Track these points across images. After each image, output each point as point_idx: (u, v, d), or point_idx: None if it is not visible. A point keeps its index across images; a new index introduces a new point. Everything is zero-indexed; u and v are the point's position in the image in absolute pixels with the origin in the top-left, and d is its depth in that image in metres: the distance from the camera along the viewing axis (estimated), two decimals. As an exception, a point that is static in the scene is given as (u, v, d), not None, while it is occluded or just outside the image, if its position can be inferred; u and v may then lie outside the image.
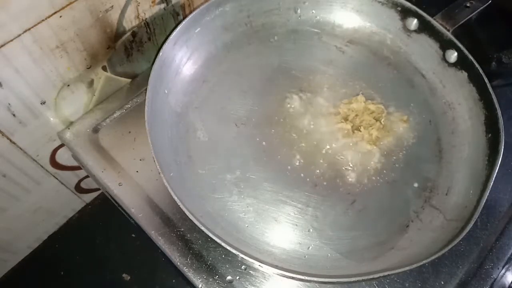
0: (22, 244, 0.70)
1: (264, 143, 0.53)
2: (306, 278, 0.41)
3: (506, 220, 0.52)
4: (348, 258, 0.47)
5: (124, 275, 0.73)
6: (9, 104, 0.48)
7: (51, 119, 0.55)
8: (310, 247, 0.47)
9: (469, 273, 0.48)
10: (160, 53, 0.51)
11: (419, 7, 0.58)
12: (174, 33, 0.53)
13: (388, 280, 0.47)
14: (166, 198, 0.50)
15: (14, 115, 0.50)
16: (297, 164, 0.52)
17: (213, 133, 0.54)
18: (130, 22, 0.55)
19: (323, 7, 0.63)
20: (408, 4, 0.58)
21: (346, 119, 0.55)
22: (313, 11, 0.64)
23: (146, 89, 0.49)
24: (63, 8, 0.45)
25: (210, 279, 0.46)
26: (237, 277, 0.46)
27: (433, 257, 0.41)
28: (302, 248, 0.47)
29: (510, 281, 0.50)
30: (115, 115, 0.58)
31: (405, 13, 0.59)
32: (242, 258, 0.40)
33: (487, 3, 0.59)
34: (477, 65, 0.53)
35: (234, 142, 0.53)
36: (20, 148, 0.54)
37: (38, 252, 0.72)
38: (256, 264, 0.41)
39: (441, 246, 0.42)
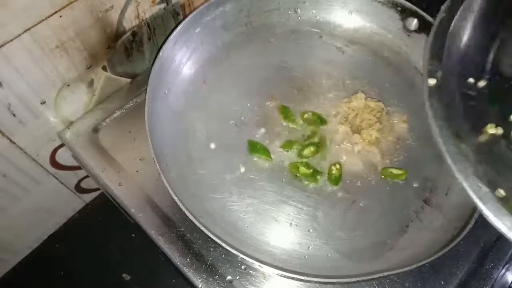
0: (22, 244, 0.70)
1: (264, 143, 0.53)
2: (306, 278, 0.41)
3: (506, 220, 0.52)
4: (348, 258, 0.47)
5: (124, 275, 0.73)
6: (9, 104, 0.48)
7: (51, 119, 0.55)
8: (310, 247, 0.47)
9: (469, 273, 0.48)
10: (160, 53, 0.51)
11: (419, 7, 0.58)
12: (174, 33, 0.53)
13: (388, 280, 0.47)
14: (166, 198, 0.50)
15: (14, 115, 0.50)
16: (295, 162, 0.52)
17: (213, 133, 0.54)
18: (130, 22, 0.55)
19: (323, 7, 0.63)
20: (408, 4, 0.58)
21: (346, 119, 0.56)
22: (313, 11, 0.64)
23: (146, 89, 0.49)
24: (63, 8, 0.45)
25: (210, 279, 0.46)
26: (237, 277, 0.46)
27: (433, 257, 0.41)
28: (302, 248, 0.47)
29: (510, 281, 0.50)
30: (115, 115, 0.58)
31: (405, 13, 0.59)
32: (242, 258, 0.41)
33: (487, 3, 0.59)
34: (477, 65, 0.53)
35: (234, 142, 0.53)
36: (20, 148, 0.54)
37: (38, 252, 0.72)
38: (256, 264, 0.41)
39: (441, 246, 0.42)
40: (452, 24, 0.39)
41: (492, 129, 0.36)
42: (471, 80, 0.38)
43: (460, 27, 0.39)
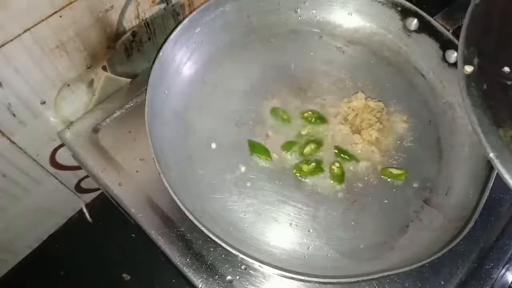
0: (22, 244, 0.70)
1: (264, 143, 0.53)
2: (306, 278, 0.41)
3: (506, 220, 0.52)
4: (348, 258, 0.47)
5: (124, 275, 0.73)
6: (9, 104, 0.48)
7: (51, 119, 0.55)
8: (310, 247, 0.47)
9: (469, 273, 0.48)
10: (160, 53, 0.51)
11: (419, 7, 0.58)
12: (174, 33, 0.53)
13: (388, 280, 0.47)
14: (166, 198, 0.50)
15: (14, 115, 0.50)
16: (297, 164, 0.52)
17: (213, 133, 0.54)
18: (130, 22, 0.55)
19: (323, 7, 0.63)
20: (408, 4, 0.58)
21: (346, 119, 0.56)
22: (313, 11, 0.64)
23: (146, 89, 0.49)
24: (63, 8, 0.45)
25: (210, 279, 0.46)
26: (237, 277, 0.46)
27: (433, 257, 0.41)
28: (302, 248, 0.47)
29: (510, 281, 0.50)
30: (115, 115, 0.58)
31: (405, 13, 0.59)
32: (242, 258, 0.41)
33: (487, 3, 0.59)
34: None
35: (234, 142, 0.53)
36: (20, 148, 0.54)
37: (38, 252, 0.72)
38: (256, 264, 0.41)
39: (441, 246, 0.42)
40: (486, 11, 0.37)
41: None
42: (506, 69, 0.37)
43: (494, 13, 0.38)
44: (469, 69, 0.36)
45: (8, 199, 0.59)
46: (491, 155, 0.32)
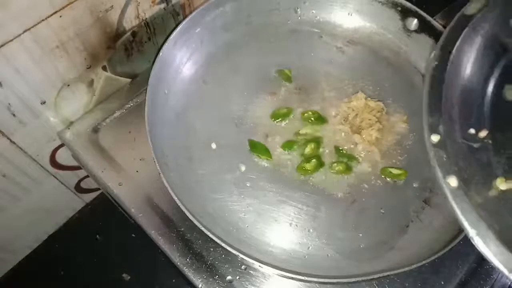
0: (22, 244, 0.70)
1: (264, 143, 0.53)
2: (306, 278, 0.41)
3: (506, 220, 0.52)
4: (348, 258, 0.47)
5: (124, 275, 0.73)
6: (9, 104, 0.48)
7: (51, 119, 0.55)
8: (310, 247, 0.47)
9: (469, 273, 0.48)
10: (160, 53, 0.51)
11: (419, 7, 0.58)
12: (174, 33, 0.53)
13: (388, 280, 0.47)
14: (166, 198, 0.50)
15: (14, 115, 0.50)
16: (297, 164, 0.52)
17: (213, 133, 0.54)
18: (130, 22, 0.55)
19: (323, 7, 0.63)
20: (408, 4, 0.58)
21: (346, 119, 0.56)
22: (313, 11, 0.64)
23: (146, 89, 0.49)
24: (63, 8, 0.45)
25: (210, 279, 0.46)
26: (237, 277, 0.46)
27: (433, 257, 0.41)
28: (302, 248, 0.47)
29: (510, 281, 0.50)
30: (115, 115, 0.58)
31: (405, 13, 0.59)
32: (242, 258, 0.41)
33: (487, 3, 0.59)
34: (477, 65, 0.53)
35: (234, 142, 0.53)
36: (20, 148, 0.54)
37: (38, 252, 0.72)
38: (256, 264, 0.41)
39: (441, 246, 0.42)
40: (446, 74, 0.38)
41: (502, 184, 0.34)
42: (472, 131, 0.37)
43: (454, 75, 0.38)
44: (436, 138, 0.35)
45: (8, 199, 0.59)
46: (470, 233, 0.32)
